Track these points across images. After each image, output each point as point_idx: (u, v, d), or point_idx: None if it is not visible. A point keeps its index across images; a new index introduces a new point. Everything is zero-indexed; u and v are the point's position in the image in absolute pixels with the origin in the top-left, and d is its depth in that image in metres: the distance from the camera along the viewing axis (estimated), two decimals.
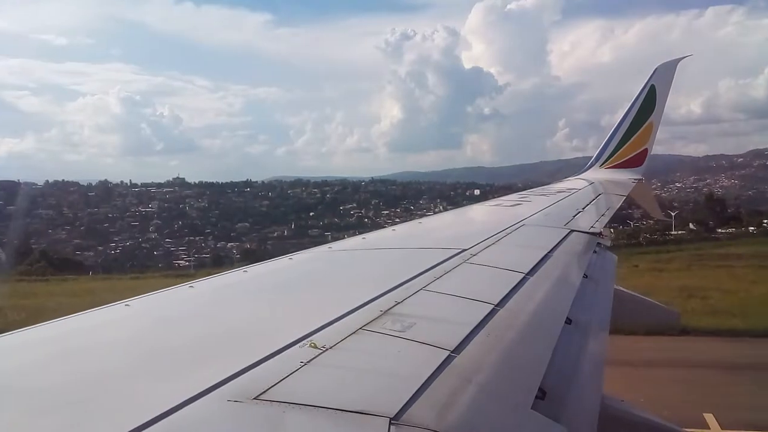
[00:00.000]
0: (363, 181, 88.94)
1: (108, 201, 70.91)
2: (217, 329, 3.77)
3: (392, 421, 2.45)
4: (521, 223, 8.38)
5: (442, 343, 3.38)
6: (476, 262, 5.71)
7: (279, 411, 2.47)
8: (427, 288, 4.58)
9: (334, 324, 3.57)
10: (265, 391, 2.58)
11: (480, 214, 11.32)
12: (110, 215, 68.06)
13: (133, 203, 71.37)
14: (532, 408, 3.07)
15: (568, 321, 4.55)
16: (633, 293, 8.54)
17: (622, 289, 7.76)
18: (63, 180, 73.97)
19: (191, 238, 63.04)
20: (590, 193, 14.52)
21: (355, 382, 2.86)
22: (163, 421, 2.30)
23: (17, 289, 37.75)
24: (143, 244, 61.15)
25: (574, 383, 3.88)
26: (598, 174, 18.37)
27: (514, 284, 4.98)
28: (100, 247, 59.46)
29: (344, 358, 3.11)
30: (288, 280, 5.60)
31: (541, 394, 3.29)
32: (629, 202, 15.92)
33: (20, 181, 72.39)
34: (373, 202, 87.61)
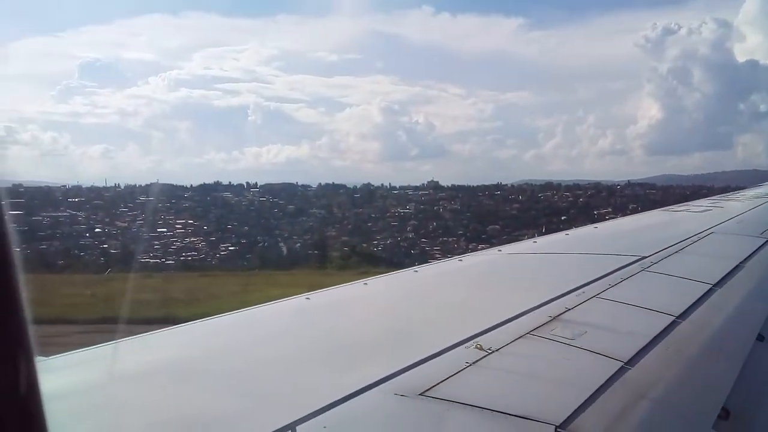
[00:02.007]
0: (618, 185, 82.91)
1: (370, 202, 76.18)
2: (387, 325, 3.87)
3: (558, 429, 2.35)
4: (710, 231, 7.66)
5: (615, 354, 3.17)
6: (657, 270, 5.29)
7: (443, 408, 2.45)
8: (600, 295, 4.32)
9: (501, 327, 3.48)
10: (430, 388, 2.59)
11: (663, 220, 10.29)
12: (372, 215, 73.04)
13: (393, 204, 75.74)
14: (713, 428, 2.82)
15: (761, 338, 4.12)
16: None
17: None
18: (333, 183, 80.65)
19: (444, 239, 64.95)
20: None
21: (520, 387, 2.77)
22: (334, 409, 2.38)
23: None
24: (401, 243, 64.71)
25: (764, 405, 3.52)
26: None
27: (699, 296, 4.55)
28: (364, 245, 64.20)
29: (510, 361, 3.02)
30: (457, 282, 5.61)
31: (725, 414, 2.99)
32: None
33: (298, 183, 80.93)
34: (630, 207, 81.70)
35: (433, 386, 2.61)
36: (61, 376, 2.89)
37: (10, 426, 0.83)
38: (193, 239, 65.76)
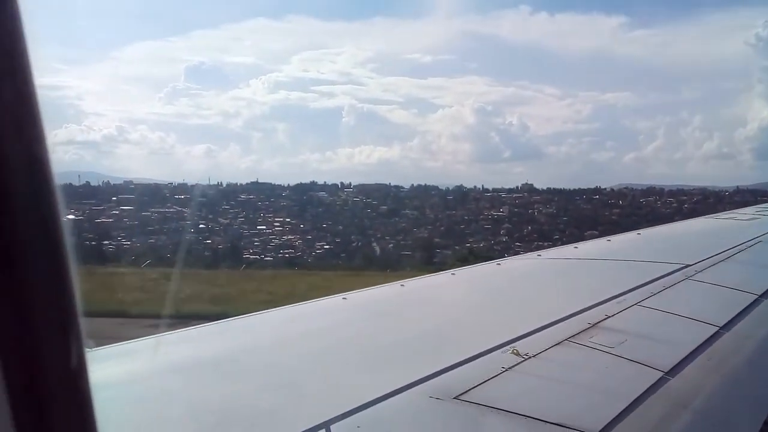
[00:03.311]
0: (726, 191, 78.46)
1: (464, 204, 75.73)
2: (424, 327, 3.83)
3: None
4: (757, 240, 7.39)
5: (655, 363, 3.08)
6: (700, 279, 5.14)
7: (477, 413, 2.41)
8: (641, 303, 4.19)
9: (539, 333, 3.41)
10: (465, 392, 2.54)
11: (708, 228, 9.88)
12: (466, 217, 72.61)
13: (486, 207, 74.98)
14: None
15: None
16: None
17: None
18: (425, 184, 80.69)
19: (539, 243, 63.64)
20: None
21: (557, 394, 2.73)
22: (369, 409, 2.36)
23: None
24: (495, 246, 64.01)
25: None
26: None
27: (744, 306, 4.40)
28: (456, 247, 64.00)
29: (546, 368, 2.96)
30: (495, 286, 5.52)
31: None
32: None
33: (391, 184, 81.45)
34: None
35: (468, 390, 2.58)
36: (111, 366, 2.98)
37: (58, 413, 0.87)
38: (290, 237, 67.66)
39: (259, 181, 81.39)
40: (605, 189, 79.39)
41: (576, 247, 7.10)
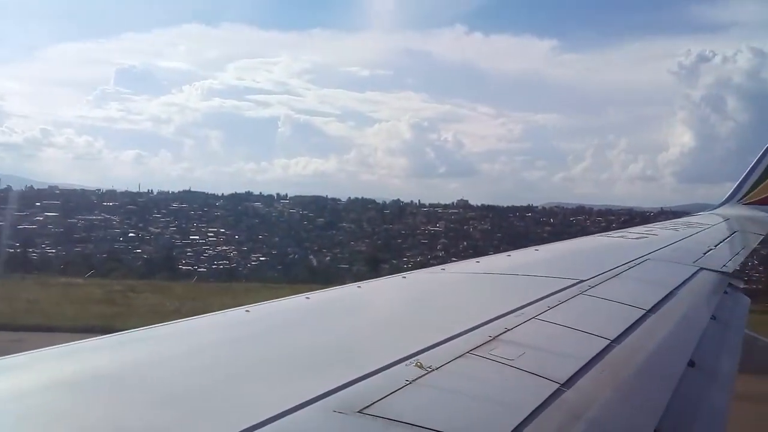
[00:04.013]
0: (650, 212, 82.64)
1: (400, 218, 76.24)
2: (326, 340, 3.80)
3: None
4: (645, 258, 7.78)
5: (552, 375, 3.19)
6: (594, 294, 5.34)
7: (382, 426, 2.44)
8: (539, 317, 4.32)
9: (442, 345, 3.45)
10: (369, 406, 2.56)
11: (601, 246, 10.32)
12: (403, 232, 73.05)
13: (422, 222, 75.69)
14: None
15: (691, 363, 4.21)
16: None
17: (754, 334, 6.88)
18: (362, 197, 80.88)
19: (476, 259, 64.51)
20: (724, 230, 13.34)
21: (459, 406, 2.77)
22: (270, 425, 2.33)
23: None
24: (431, 261, 64.70)
25: (693, 429, 3.56)
26: (734, 210, 16.61)
27: (634, 321, 4.63)
28: (394, 261, 64.26)
29: (449, 380, 3.00)
30: (399, 299, 5.56)
31: None
32: None
33: (327, 196, 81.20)
34: None
35: (373, 403, 2.59)
36: None
37: None
38: (225, 248, 66.24)
39: (192, 189, 79.53)
40: (537, 207, 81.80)
41: (478, 262, 7.21)
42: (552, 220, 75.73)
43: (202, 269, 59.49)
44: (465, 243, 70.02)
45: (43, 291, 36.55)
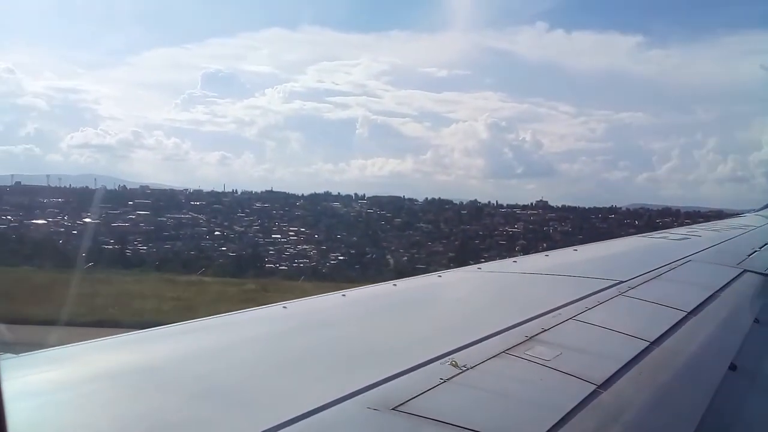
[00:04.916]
0: (742, 214, 78.31)
1: (478, 219, 75.57)
2: (362, 338, 3.80)
3: None
4: (687, 259, 7.62)
5: (589, 377, 3.12)
6: (633, 295, 5.24)
7: (415, 424, 2.40)
8: (577, 318, 4.24)
9: (477, 345, 3.39)
10: (403, 403, 2.52)
11: (642, 247, 10.02)
12: (480, 232, 72.42)
13: (501, 222, 74.76)
14: None
15: (733, 367, 4.11)
16: None
17: None
18: (439, 198, 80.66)
19: None
20: None
21: (493, 406, 2.73)
22: (305, 420, 2.32)
23: None
24: None
25: None
26: None
27: (674, 323, 4.53)
28: (472, 261, 63.52)
29: (484, 380, 2.95)
30: (435, 297, 5.55)
31: None
32: None
33: (404, 196, 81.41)
34: None
35: (407, 401, 2.57)
36: (28, 375, 2.90)
37: None
38: (305, 247, 67.68)
39: (274, 189, 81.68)
40: (620, 208, 79.14)
41: (515, 262, 7.24)
42: (637, 222, 73.09)
43: (283, 267, 60.97)
44: (545, 244, 68.60)
45: (159, 288, 37.53)
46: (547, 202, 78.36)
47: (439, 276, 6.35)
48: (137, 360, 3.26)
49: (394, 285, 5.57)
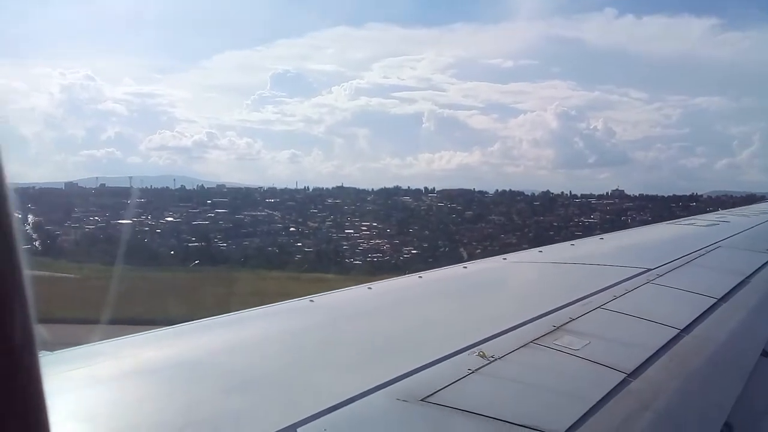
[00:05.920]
0: None
1: (552, 210, 74.22)
2: (390, 329, 3.81)
3: None
4: (716, 245, 7.49)
5: (618, 365, 3.09)
6: (662, 283, 5.16)
7: (444, 415, 2.42)
8: (605, 306, 4.20)
9: (505, 335, 3.38)
10: (432, 394, 2.54)
11: (669, 234, 9.81)
12: (555, 224, 71.17)
13: (575, 213, 73.22)
14: None
15: (766, 354, 4.04)
16: None
17: None
18: (510, 189, 79.70)
19: None
20: None
21: (522, 396, 2.72)
22: (335, 412, 2.34)
23: None
24: None
25: (766, 423, 3.44)
26: None
27: (704, 310, 4.45)
28: None
29: (512, 370, 2.95)
30: (462, 288, 5.46)
31: (727, 429, 2.92)
32: None
33: (475, 189, 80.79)
34: None
35: (435, 392, 2.58)
36: (68, 371, 2.93)
37: (11, 421, 0.83)
38: (378, 241, 68.27)
39: (344, 185, 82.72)
40: (701, 196, 76.05)
41: (541, 251, 7.14)
42: (720, 210, 70.00)
43: (357, 261, 61.73)
44: None
45: (263, 284, 38.22)
46: (623, 191, 76.22)
47: (465, 267, 6.33)
48: (171, 355, 3.35)
49: (420, 277, 5.66)
